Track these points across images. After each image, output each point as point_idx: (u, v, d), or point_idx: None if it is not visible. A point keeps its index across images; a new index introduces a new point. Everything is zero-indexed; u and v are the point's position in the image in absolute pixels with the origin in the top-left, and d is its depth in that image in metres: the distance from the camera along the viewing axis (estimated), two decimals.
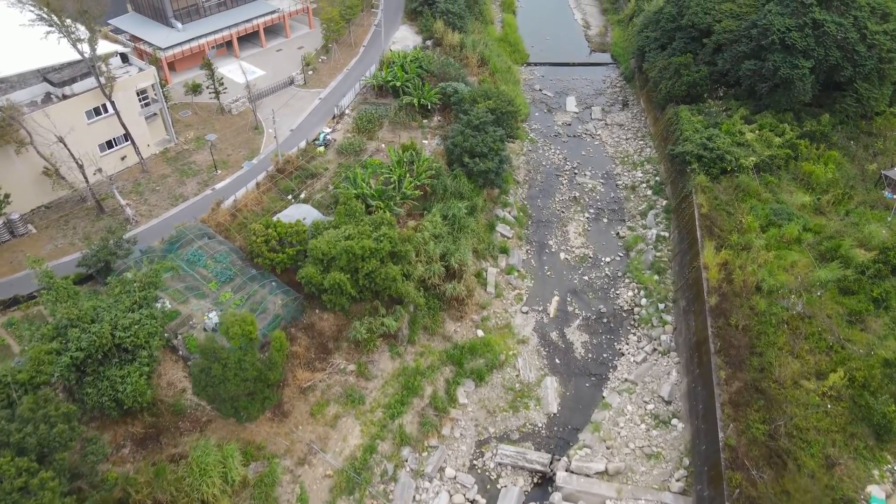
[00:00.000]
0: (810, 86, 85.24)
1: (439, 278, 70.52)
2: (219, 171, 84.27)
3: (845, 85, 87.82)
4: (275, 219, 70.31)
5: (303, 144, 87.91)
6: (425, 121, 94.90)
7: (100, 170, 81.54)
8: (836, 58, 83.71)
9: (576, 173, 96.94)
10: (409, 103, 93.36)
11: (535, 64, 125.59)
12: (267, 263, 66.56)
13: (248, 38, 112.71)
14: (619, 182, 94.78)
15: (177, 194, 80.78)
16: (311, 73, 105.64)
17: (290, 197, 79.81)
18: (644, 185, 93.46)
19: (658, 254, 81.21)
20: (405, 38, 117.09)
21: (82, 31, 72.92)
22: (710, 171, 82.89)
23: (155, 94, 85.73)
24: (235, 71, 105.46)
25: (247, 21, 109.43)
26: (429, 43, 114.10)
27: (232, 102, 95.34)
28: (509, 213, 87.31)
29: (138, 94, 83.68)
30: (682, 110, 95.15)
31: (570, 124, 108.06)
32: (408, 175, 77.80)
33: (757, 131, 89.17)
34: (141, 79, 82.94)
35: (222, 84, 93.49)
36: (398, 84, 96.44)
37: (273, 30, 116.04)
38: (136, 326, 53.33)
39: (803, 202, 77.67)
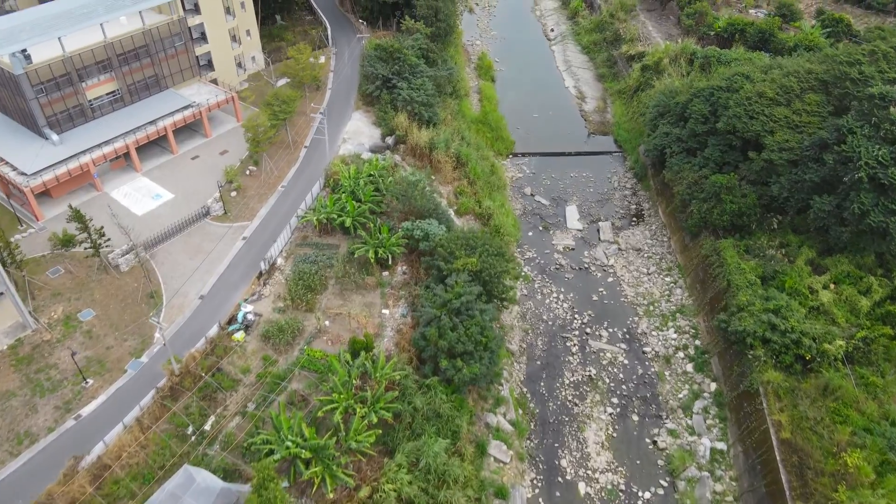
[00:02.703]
0: None
1: None
2: (89, 383, 58.70)
3: None
4: None
5: (213, 331, 62.62)
6: (385, 273, 70.31)
7: None
8: None
9: (587, 333, 73.13)
10: (364, 254, 68.69)
11: (523, 154, 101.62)
12: None
13: (156, 140, 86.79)
14: (647, 348, 71.17)
15: (21, 432, 55.00)
16: (233, 193, 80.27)
17: (189, 431, 54.75)
18: (681, 353, 70.02)
19: (718, 488, 57.69)
20: (359, 133, 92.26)
21: None
22: (781, 359, 59.83)
23: None
24: (134, 194, 79.88)
25: (150, 123, 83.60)
26: (389, 140, 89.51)
27: (121, 256, 69.58)
28: (504, 415, 63.13)
29: None
30: (725, 247, 72.03)
31: (573, 249, 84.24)
32: (359, 405, 53.04)
33: (832, 286, 66.47)
34: None
35: (103, 235, 67.69)
36: (347, 223, 71.67)
37: (191, 124, 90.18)
38: None
39: None
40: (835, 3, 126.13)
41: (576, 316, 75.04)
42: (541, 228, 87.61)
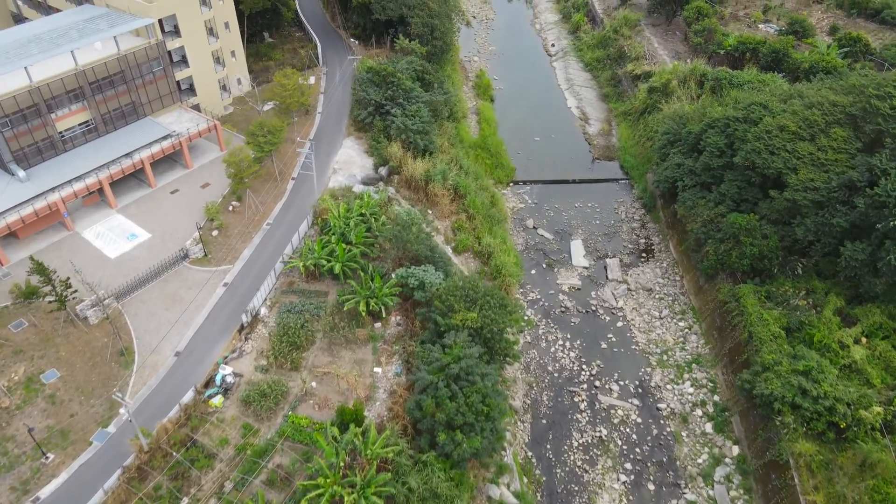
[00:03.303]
0: None
1: None
2: (50, 458, 53.07)
3: None
4: None
5: (188, 396, 57.02)
6: (378, 325, 64.83)
7: None
8: None
9: (596, 387, 67.74)
10: (355, 306, 63.17)
11: (524, 182, 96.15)
12: None
13: (134, 172, 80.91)
14: (662, 404, 65.77)
15: None
16: (214, 232, 74.66)
17: None
18: (698, 410, 64.65)
19: None
20: (351, 163, 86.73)
21: None
22: (813, 426, 54.53)
23: None
24: (108, 234, 74.28)
25: (126, 156, 77.95)
26: (382, 171, 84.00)
27: (90, 307, 63.88)
28: (508, 486, 57.67)
29: None
30: (745, 293, 66.70)
31: (579, 289, 78.82)
32: (347, 490, 47.45)
33: (864, 340, 61.18)
34: None
35: (69, 287, 61.97)
36: (336, 270, 66.14)
37: (171, 154, 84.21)
38: None
39: None
40: (847, 18, 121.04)
41: (583, 367, 69.63)
42: (544, 266, 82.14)
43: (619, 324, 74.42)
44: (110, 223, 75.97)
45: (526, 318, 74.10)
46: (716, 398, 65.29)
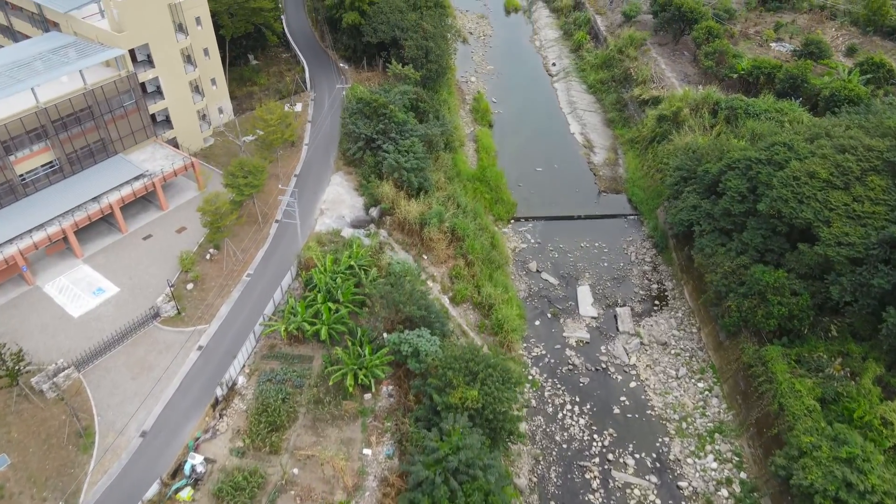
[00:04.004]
0: None
1: None
2: None
3: None
4: None
5: (152, 490, 50.51)
6: (367, 396, 58.42)
7: None
8: None
9: (610, 460, 61.44)
10: (342, 378, 56.77)
11: (526, 219, 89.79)
12: None
13: (103, 217, 74.37)
14: (683, 482, 59.49)
15: None
16: (189, 286, 68.13)
17: None
18: (724, 490, 58.40)
19: None
20: (339, 202, 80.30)
21: None
22: None
23: None
24: (72, 288, 67.73)
25: (93, 200, 71.47)
26: (374, 212, 77.63)
27: (46, 380, 57.23)
28: None
29: None
30: (772, 357, 60.49)
31: (587, 342, 72.55)
32: None
33: None
34: None
35: (21, 360, 55.41)
36: (323, 335, 59.71)
37: (145, 195, 77.64)
38: None
39: None
40: (863, 36, 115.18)
41: (595, 436, 63.30)
42: (549, 316, 75.78)
43: (633, 384, 68.15)
44: (75, 275, 69.36)
45: (531, 377, 67.78)
46: (742, 475, 59.06)
